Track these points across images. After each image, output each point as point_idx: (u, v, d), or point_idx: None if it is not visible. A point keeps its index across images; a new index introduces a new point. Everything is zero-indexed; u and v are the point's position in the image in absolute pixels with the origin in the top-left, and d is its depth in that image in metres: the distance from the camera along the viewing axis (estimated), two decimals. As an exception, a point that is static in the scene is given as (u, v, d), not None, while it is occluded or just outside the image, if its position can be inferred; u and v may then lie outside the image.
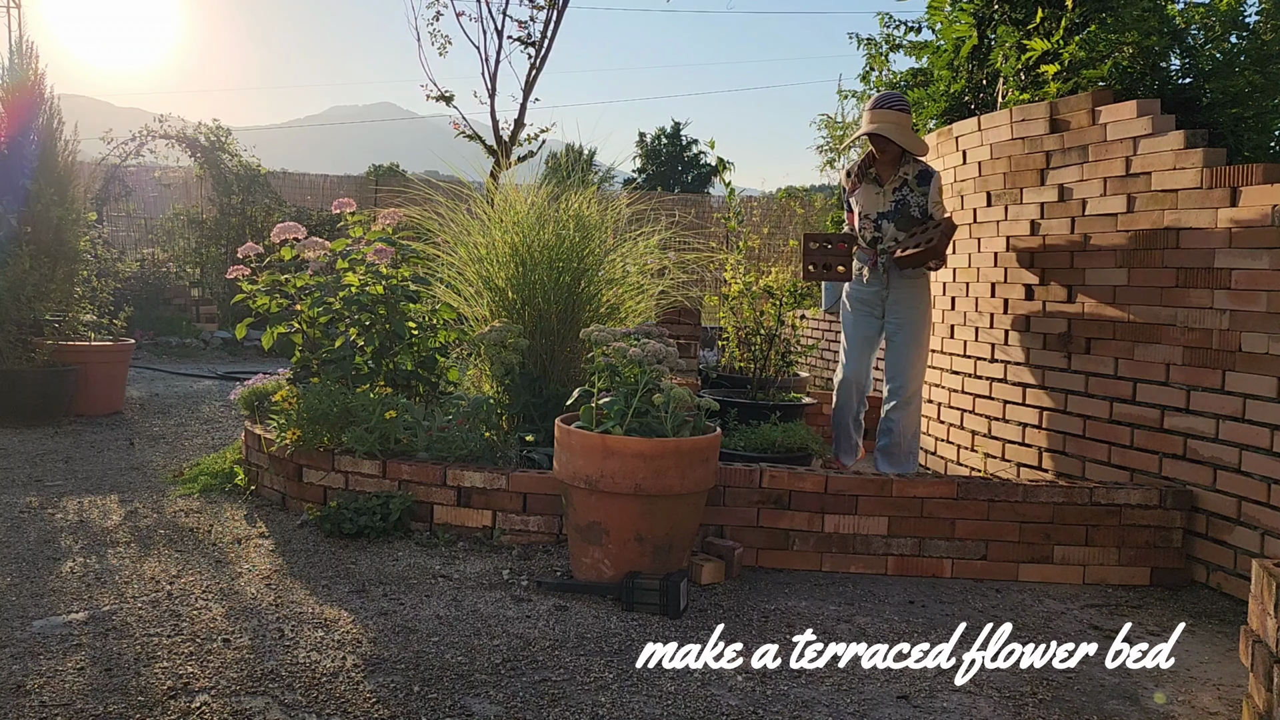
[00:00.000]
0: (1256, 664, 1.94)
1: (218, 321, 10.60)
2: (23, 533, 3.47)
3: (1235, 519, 3.32)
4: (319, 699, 2.25)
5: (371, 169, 16.45)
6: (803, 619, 2.95)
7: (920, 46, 5.79)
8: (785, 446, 4.27)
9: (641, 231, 4.72)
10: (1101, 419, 3.91)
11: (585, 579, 3.09)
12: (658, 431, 3.06)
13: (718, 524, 3.45)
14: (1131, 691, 2.54)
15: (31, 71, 5.93)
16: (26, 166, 5.76)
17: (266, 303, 4.41)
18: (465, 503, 3.54)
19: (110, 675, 2.33)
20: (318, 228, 10.90)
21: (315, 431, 3.76)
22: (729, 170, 6.46)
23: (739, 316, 5.40)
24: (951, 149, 4.89)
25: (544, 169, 5.73)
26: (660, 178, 28.32)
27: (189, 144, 11.04)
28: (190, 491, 4.11)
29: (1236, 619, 3.12)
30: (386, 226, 4.36)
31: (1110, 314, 3.87)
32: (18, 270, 5.58)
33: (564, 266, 4.22)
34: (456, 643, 2.62)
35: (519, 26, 9.90)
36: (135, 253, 11.12)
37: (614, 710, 2.27)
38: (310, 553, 3.34)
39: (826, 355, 8.24)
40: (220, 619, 2.71)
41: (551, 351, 4.30)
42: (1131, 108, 3.79)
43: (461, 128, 9.93)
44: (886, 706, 2.38)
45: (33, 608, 2.75)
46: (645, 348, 3.10)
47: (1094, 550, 3.45)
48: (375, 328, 4.18)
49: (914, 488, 3.45)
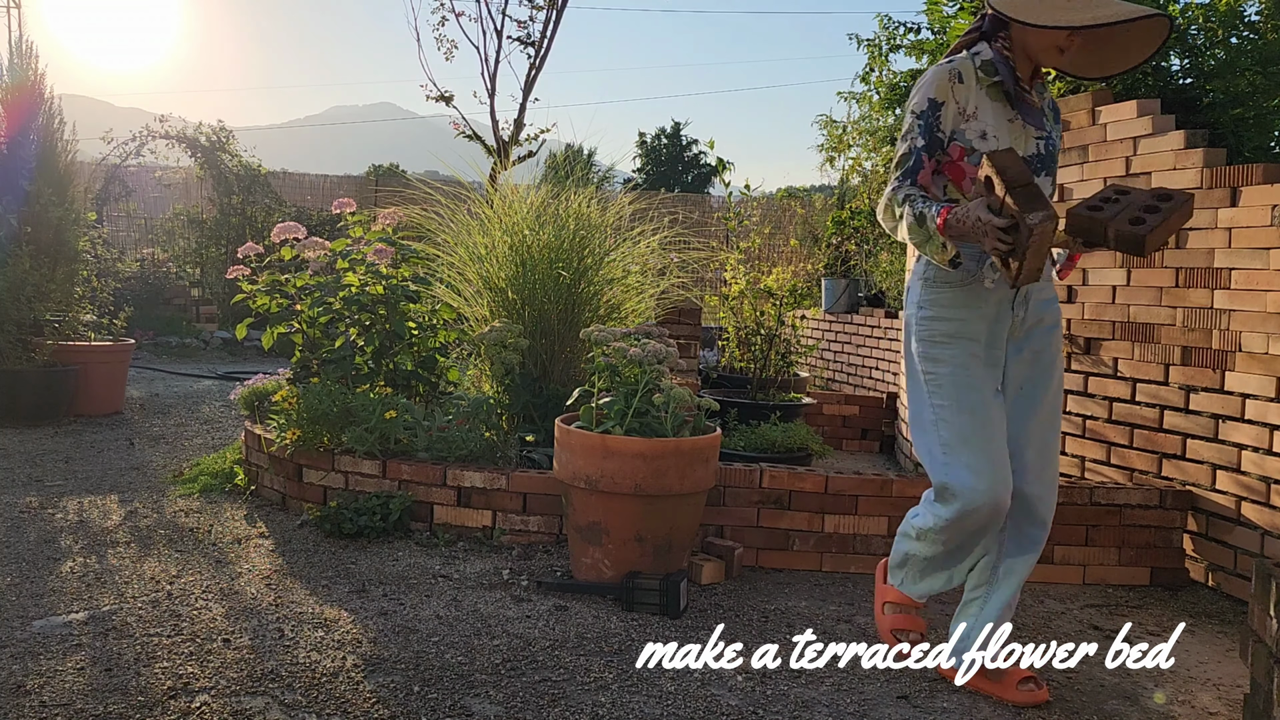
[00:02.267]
0: (1256, 664, 1.94)
1: (218, 321, 10.59)
2: (23, 533, 3.47)
3: (1235, 519, 3.32)
4: (319, 699, 2.25)
5: (371, 169, 16.46)
6: (803, 619, 2.95)
7: (920, 47, 5.79)
8: (785, 446, 4.27)
9: (641, 231, 4.72)
10: (1101, 419, 3.91)
11: (585, 579, 3.09)
12: (658, 431, 3.06)
13: (718, 524, 3.45)
14: (1131, 691, 2.54)
15: (31, 71, 5.93)
16: (26, 167, 5.75)
17: (266, 303, 4.41)
18: (465, 503, 3.54)
19: (110, 675, 2.33)
20: (318, 228, 10.90)
21: (315, 431, 3.76)
22: (729, 170, 6.46)
23: (739, 316, 5.40)
24: (951, 149, 4.88)
25: (544, 169, 5.73)
26: (660, 178, 28.34)
27: (189, 144, 11.04)
28: (190, 491, 4.11)
29: (1236, 619, 3.12)
30: (386, 226, 4.36)
31: (1110, 314, 3.87)
32: (18, 270, 5.58)
33: (564, 266, 4.22)
34: (456, 643, 2.62)
35: (518, 26, 9.91)
36: (135, 253, 11.12)
37: (614, 710, 2.27)
38: (310, 553, 3.34)
39: (826, 355, 8.25)
40: (220, 619, 2.71)
41: (551, 351, 4.30)
42: (1132, 108, 3.79)
43: (461, 128, 9.94)
44: (886, 706, 2.38)
45: (33, 608, 2.75)
46: (645, 348, 3.10)
47: (1094, 550, 3.45)
48: (375, 328, 4.18)
49: (914, 488, 3.45)
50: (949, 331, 2.32)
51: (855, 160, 8.33)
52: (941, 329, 2.33)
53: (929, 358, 2.34)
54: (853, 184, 8.57)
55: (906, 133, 2.32)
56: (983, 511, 2.27)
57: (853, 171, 8.48)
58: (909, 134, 2.31)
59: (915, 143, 2.30)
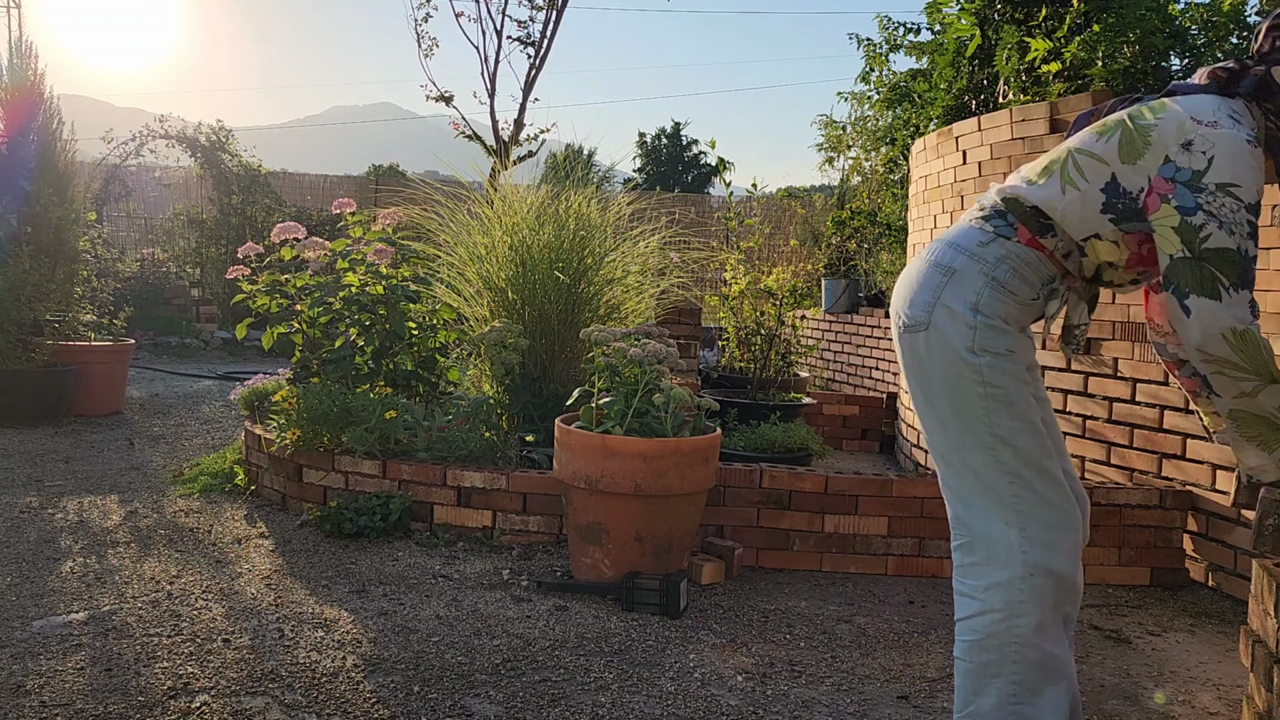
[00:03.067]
0: (1256, 664, 1.94)
1: (218, 321, 10.59)
2: (23, 533, 3.47)
3: (1235, 519, 3.32)
4: (319, 699, 2.25)
5: (371, 169, 16.46)
6: (803, 619, 2.95)
7: (920, 46, 5.80)
8: (785, 446, 4.27)
9: (641, 231, 4.72)
10: (1101, 419, 3.91)
11: (585, 579, 3.09)
12: (658, 432, 3.06)
13: (718, 524, 3.45)
14: (1131, 692, 2.54)
15: (31, 71, 5.93)
16: (26, 167, 5.76)
17: (266, 303, 4.41)
18: (465, 503, 3.54)
19: (110, 675, 2.33)
20: (318, 228, 10.90)
21: (315, 431, 3.76)
22: (729, 170, 6.46)
23: (739, 316, 5.41)
24: (952, 149, 4.89)
25: (544, 169, 5.73)
26: (660, 178, 28.35)
27: (189, 144, 11.04)
28: (190, 491, 4.11)
29: (1236, 619, 3.12)
30: (386, 226, 4.36)
31: (1110, 314, 3.87)
32: (18, 270, 5.58)
33: (564, 266, 4.22)
34: (456, 643, 2.61)
35: (518, 26, 9.93)
36: (135, 253, 11.12)
37: (614, 710, 2.27)
38: (310, 553, 3.34)
39: (826, 355, 8.25)
40: (220, 619, 2.71)
41: (551, 351, 4.30)
42: (1132, 108, 3.79)
43: (461, 128, 9.95)
44: (886, 706, 2.38)
45: (33, 608, 2.75)
46: (645, 348, 3.10)
47: (1094, 550, 3.45)
48: (375, 328, 4.18)
49: (914, 488, 3.45)
50: (1011, 345, 1.90)
51: (855, 160, 8.34)
52: (1005, 342, 1.89)
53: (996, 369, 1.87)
54: (853, 184, 8.58)
55: (1229, 220, 1.72)
56: (1077, 535, 1.91)
57: (853, 171, 8.49)
58: (1235, 223, 1.72)
59: (1248, 248, 1.72)
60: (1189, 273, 1.73)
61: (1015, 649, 1.83)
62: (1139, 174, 1.79)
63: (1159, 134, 1.78)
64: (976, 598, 1.88)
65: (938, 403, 1.91)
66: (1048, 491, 1.86)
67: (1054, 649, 1.85)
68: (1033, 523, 1.85)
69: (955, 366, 1.88)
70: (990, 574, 1.86)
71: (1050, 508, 1.86)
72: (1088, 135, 1.89)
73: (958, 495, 1.92)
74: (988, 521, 1.87)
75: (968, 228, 1.95)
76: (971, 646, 1.88)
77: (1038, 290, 1.91)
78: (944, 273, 1.90)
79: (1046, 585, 1.84)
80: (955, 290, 1.88)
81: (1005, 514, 1.86)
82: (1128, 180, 1.80)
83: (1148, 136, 1.79)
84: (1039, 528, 1.85)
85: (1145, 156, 1.78)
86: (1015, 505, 1.86)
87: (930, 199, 5.13)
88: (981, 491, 1.88)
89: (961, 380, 1.88)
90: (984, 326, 1.86)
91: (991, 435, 1.87)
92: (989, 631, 1.85)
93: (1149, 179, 1.78)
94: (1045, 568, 1.84)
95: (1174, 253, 1.74)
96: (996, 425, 1.87)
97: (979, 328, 1.86)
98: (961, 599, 1.91)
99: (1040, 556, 1.84)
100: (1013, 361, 1.88)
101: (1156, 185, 1.77)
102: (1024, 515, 1.85)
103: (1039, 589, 1.83)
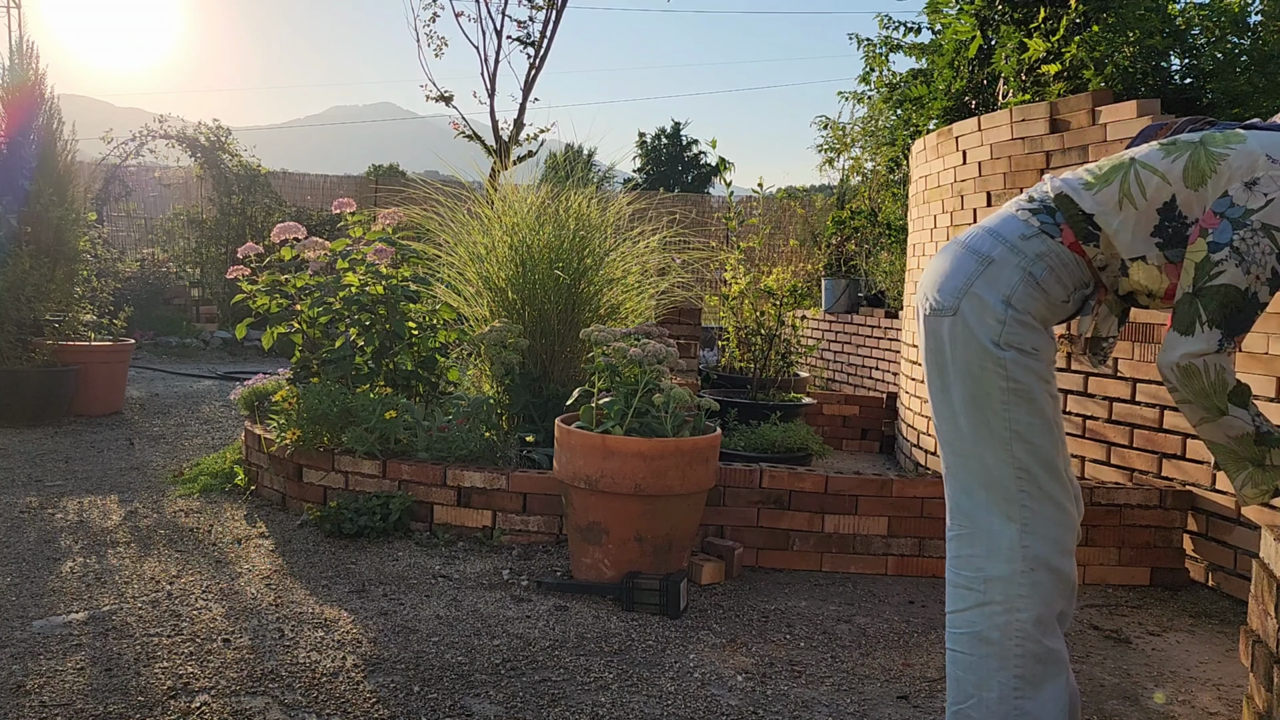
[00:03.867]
0: (1256, 664, 1.94)
1: (218, 321, 10.60)
2: (23, 533, 3.47)
3: (1235, 519, 3.32)
4: (319, 699, 2.25)
5: (371, 169, 16.47)
6: (803, 619, 2.95)
7: (920, 47, 5.80)
8: (785, 446, 4.27)
9: (641, 231, 4.72)
10: (1101, 419, 3.91)
11: (585, 579, 3.09)
12: (658, 431, 3.06)
13: (718, 524, 3.45)
14: (1131, 692, 2.54)
15: (31, 71, 5.93)
16: (26, 167, 5.76)
17: (266, 303, 4.41)
18: (465, 503, 3.54)
19: (110, 675, 2.33)
20: (318, 228, 10.90)
21: (315, 431, 3.76)
22: (730, 170, 6.47)
23: (739, 316, 5.41)
24: (951, 149, 4.89)
25: (544, 169, 5.74)
26: (660, 178, 28.34)
27: (189, 144, 11.04)
28: (190, 491, 4.11)
29: (1236, 619, 3.12)
30: (386, 226, 4.36)
31: (1110, 314, 3.87)
32: (18, 270, 5.58)
33: (564, 266, 4.22)
34: (456, 643, 2.62)
35: (518, 26, 9.94)
36: (135, 253, 11.12)
37: (614, 710, 2.27)
38: (310, 553, 3.34)
39: (826, 355, 8.25)
40: (220, 619, 2.71)
41: (551, 351, 4.30)
42: (1132, 108, 3.79)
43: (461, 128, 9.96)
44: (886, 707, 2.38)
45: (33, 608, 2.75)
46: (645, 348, 3.10)
47: (1094, 550, 3.45)
48: (375, 328, 4.18)
49: (914, 488, 3.45)
50: (1037, 343, 1.87)
51: (856, 160, 8.34)
52: (1032, 339, 1.87)
53: (1020, 365, 1.84)
54: (853, 184, 8.58)
55: (1252, 259, 1.67)
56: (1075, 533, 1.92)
57: (853, 172, 8.49)
58: (1258, 264, 1.67)
59: (1259, 293, 1.69)
60: (1180, 309, 1.75)
61: (1017, 642, 1.84)
62: (1199, 201, 1.76)
63: (1228, 165, 1.73)
64: (975, 589, 1.87)
65: (954, 391, 1.89)
66: (1053, 489, 1.86)
67: (1052, 644, 1.86)
68: (1036, 518, 1.85)
69: (978, 357, 1.85)
70: (990, 567, 1.86)
71: (1054, 505, 1.86)
72: (1153, 150, 1.84)
73: (963, 485, 1.91)
74: (990, 514, 1.86)
75: (1011, 216, 1.90)
76: (971, 639, 1.88)
77: (1070, 293, 1.90)
78: (980, 261, 1.86)
79: (1046, 580, 1.84)
80: (989, 281, 1.84)
81: (1009, 508, 1.85)
82: (1186, 205, 1.77)
83: (1216, 165, 1.74)
84: (1042, 524, 1.84)
85: (1208, 184, 1.74)
86: (1020, 500, 1.85)
87: (930, 199, 5.13)
88: (988, 483, 1.87)
89: (985, 372, 1.85)
90: (1013, 321, 1.84)
91: (1008, 430, 1.85)
92: (989, 624, 1.85)
93: (1204, 209, 1.75)
94: (1046, 563, 1.84)
95: (1186, 288, 1.74)
96: (1014, 420, 1.85)
97: (1008, 322, 1.84)
98: (957, 590, 1.91)
99: (1042, 551, 1.84)
100: (1037, 359, 1.86)
101: (1205, 219, 1.73)
102: (1028, 510, 1.85)
103: (1039, 584, 1.84)
